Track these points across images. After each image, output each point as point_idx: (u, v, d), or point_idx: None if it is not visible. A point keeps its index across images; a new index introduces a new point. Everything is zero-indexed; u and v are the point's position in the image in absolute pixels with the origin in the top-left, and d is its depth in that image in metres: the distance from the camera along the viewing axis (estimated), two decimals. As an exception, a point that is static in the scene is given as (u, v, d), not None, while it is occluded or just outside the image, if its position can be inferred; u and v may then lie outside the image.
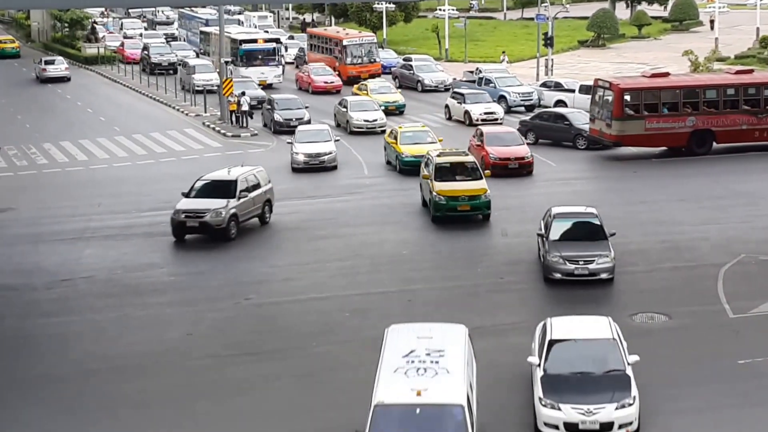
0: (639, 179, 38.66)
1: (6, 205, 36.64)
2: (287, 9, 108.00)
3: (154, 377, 21.72)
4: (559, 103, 51.79)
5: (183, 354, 22.90)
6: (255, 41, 63.48)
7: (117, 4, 49.66)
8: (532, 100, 53.27)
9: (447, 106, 51.70)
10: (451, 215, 31.75)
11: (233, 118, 50.80)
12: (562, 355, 19.05)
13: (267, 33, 71.72)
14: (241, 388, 21.02)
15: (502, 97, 52.57)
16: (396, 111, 52.16)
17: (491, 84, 54.46)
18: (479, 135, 39.72)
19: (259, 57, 62.38)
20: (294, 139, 41.41)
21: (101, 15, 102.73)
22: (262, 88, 57.00)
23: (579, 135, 43.79)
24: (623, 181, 38.44)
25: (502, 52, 68.44)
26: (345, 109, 48.64)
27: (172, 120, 54.11)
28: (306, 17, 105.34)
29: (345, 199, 36.44)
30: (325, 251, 30.10)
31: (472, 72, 59.75)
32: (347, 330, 24.15)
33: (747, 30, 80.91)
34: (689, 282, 26.76)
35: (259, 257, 29.75)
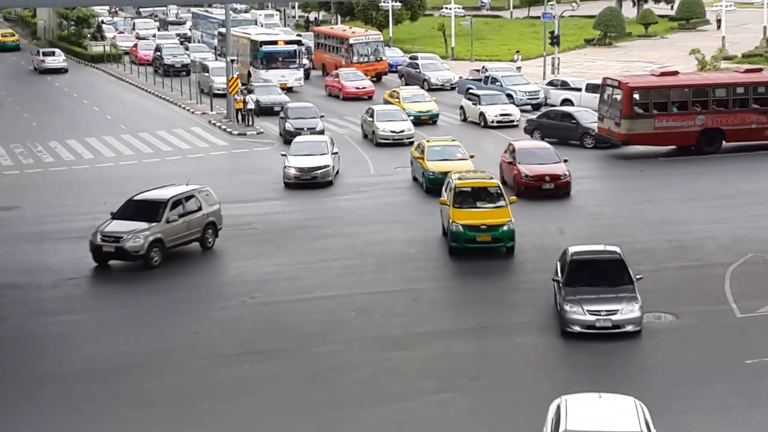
0: (646, 178, 38.56)
1: (12, 204, 36.66)
2: (293, 7, 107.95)
3: (159, 376, 21.69)
4: (566, 102, 51.66)
5: (188, 353, 22.87)
6: (275, 43, 60.83)
7: (123, 2, 49.40)
8: (538, 98, 53.18)
9: (462, 107, 50.82)
10: (470, 247, 28.39)
11: (239, 116, 50.81)
12: None
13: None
14: (247, 387, 20.98)
15: (508, 96, 52.42)
16: (429, 121, 49.14)
17: (497, 83, 54.34)
18: (511, 151, 36.20)
19: (280, 59, 60.05)
20: (288, 152, 38.62)
21: (110, 14, 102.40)
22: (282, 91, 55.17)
23: (586, 134, 43.70)
24: (630, 180, 38.34)
25: (516, 51, 67.83)
26: (371, 119, 45.42)
27: (178, 118, 54.11)
28: (311, 16, 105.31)
29: (351, 198, 36.39)
30: (331, 250, 30.06)
31: (478, 70, 59.61)
32: (353, 329, 24.10)
33: (754, 29, 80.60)
34: (696, 281, 26.67)
35: (265, 256, 29.71)
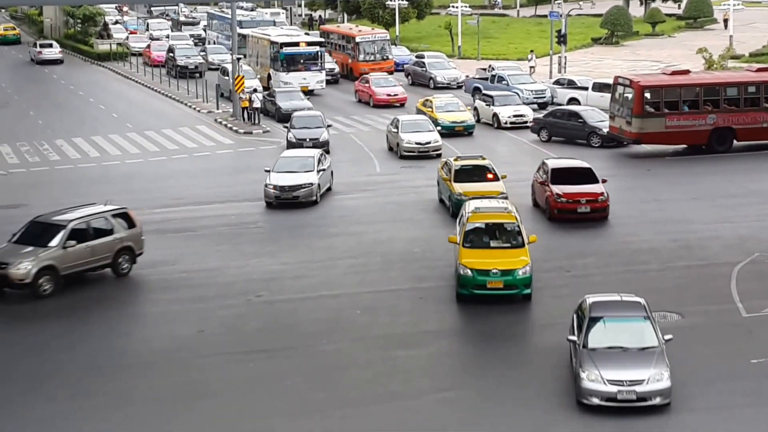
0: (652, 177, 38.51)
1: (18, 202, 36.73)
2: (299, 5, 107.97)
3: (164, 374, 21.71)
4: (573, 101, 51.60)
5: (193, 351, 22.87)
6: (297, 44, 58.83)
7: (130, 0, 49.40)
8: (544, 97, 53.11)
9: (475, 108, 50.10)
10: (480, 294, 24.56)
11: (245, 114, 50.82)
12: None
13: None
14: (251, 385, 20.99)
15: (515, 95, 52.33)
16: (464, 132, 46.14)
17: (504, 81, 54.29)
18: (544, 170, 33.02)
19: (301, 61, 58.07)
20: (272, 167, 35.48)
21: (120, 13, 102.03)
22: (303, 95, 52.80)
23: (593, 132, 43.64)
24: (637, 179, 38.28)
25: (530, 51, 67.48)
26: (396, 130, 42.45)
27: (184, 117, 54.14)
28: (316, 14, 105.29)
29: (357, 197, 36.36)
30: (336, 249, 30.05)
31: (484, 69, 59.57)
32: (358, 328, 24.09)
33: (762, 28, 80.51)
34: (702, 281, 26.61)
35: (270, 254, 29.71)
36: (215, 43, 75.77)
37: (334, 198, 36.20)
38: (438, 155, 40.11)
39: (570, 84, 53.94)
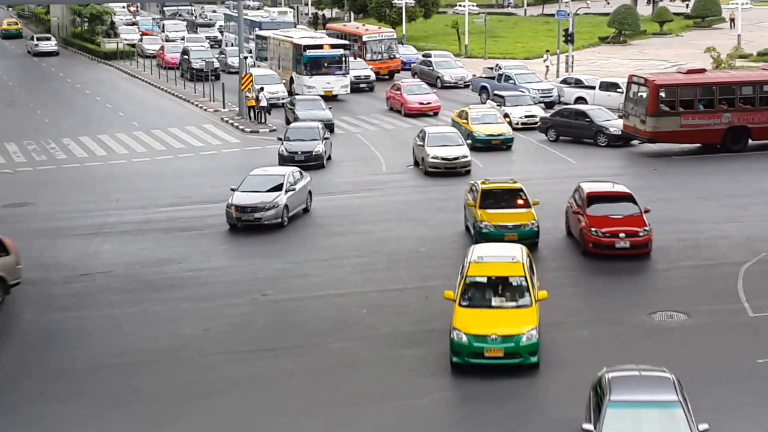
0: (660, 177, 38.44)
1: (25, 200, 36.79)
2: (306, 4, 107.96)
3: (170, 372, 21.73)
4: (580, 100, 51.56)
5: (200, 349, 22.88)
6: (321, 47, 56.35)
7: None
8: (551, 96, 53.05)
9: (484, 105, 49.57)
10: (475, 363, 20.83)
11: (251, 113, 50.84)
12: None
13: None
14: (258, 383, 21.00)
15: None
16: (502, 146, 42.77)
17: (511, 80, 54.26)
18: (579, 196, 29.07)
19: (325, 65, 55.59)
20: (238, 186, 32.58)
21: (131, 13, 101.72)
22: (326, 100, 51.08)
23: (600, 132, 43.59)
24: (644, 179, 38.19)
25: (545, 50, 67.10)
26: (422, 143, 39.12)
27: (190, 115, 54.19)
28: (319, 12, 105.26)
29: (363, 196, 36.36)
30: (343, 248, 30.04)
31: (491, 68, 59.54)
32: (364, 326, 24.08)
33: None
34: (709, 280, 26.54)
35: (277, 253, 29.71)
36: (233, 45, 72.80)
37: (340, 197, 36.20)
38: (467, 172, 37.49)
39: (577, 83, 53.89)
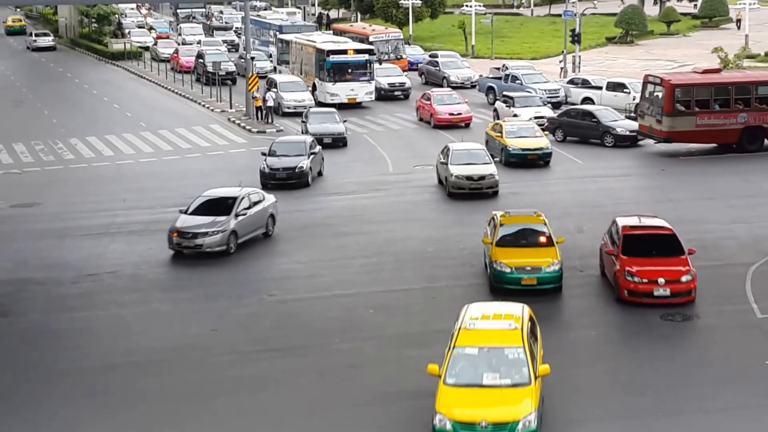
0: (667, 177, 38.41)
1: (32, 200, 36.87)
2: (313, 5, 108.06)
3: (177, 372, 21.74)
4: (586, 101, 51.52)
5: (206, 350, 22.90)
6: (345, 52, 54.38)
7: None
8: (558, 97, 53.02)
9: (495, 109, 49.36)
10: None
11: (259, 113, 50.89)
12: None
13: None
14: (265, 383, 21.02)
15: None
16: (540, 162, 39.32)
17: (517, 81, 54.23)
18: (615, 232, 25.77)
19: (349, 71, 53.80)
20: (188, 207, 30.22)
21: (143, 15, 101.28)
22: (350, 108, 50.59)
23: (607, 132, 43.55)
24: (651, 179, 38.18)
25: (561, 51, 66.88)
26: (445, 161, 35.87)
27: (197, 116, 54.26)
28: (331, 13, 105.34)
29: (370, 196, 36.36)
30: (350, 248, 30.04)
31: (498, 68, 59.54)
32: (371, 327, 24.08)
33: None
34: (717, 281, 26.48)
35: (283, 254, 29.73)
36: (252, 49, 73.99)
37: (347, 197, 36.21)
38: (494, 193, 34.78)
39: (584, 83, 53.86)
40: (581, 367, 21.30)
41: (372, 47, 58.08)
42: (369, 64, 54.17)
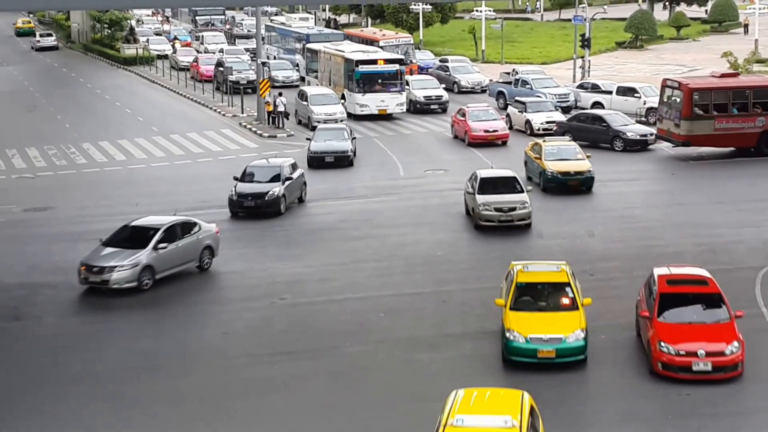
0: (676, 181, 38.46)
1: (46, 204, 37.09)
2: (324, 10, 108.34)
3: (189, 375, 21.88)
4: (596, 105, 51.58)
5: (218, 353, 23.05)
6: (374, 62, 52.22)
7: (154, 4, 48.27)
8: (568, 101, 53.09)
9: (508, 114, 49.00)
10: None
11: (270, 118, 51.08)
12: None
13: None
14: (276, 386, 21.15)
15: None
16: (581, 187, 35.57)
17: (527, 85, 54.34)
18: (651, 285, 22.41)
19: (379, 81, 51.86)
20: (109, 236, 28.16)
21: (160, 22, 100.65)
22: (380, 119, 49.05)
23: (617, 136, 43.62)
24: (661, 183, 38.24)
25: (581, 57, 66.74)
26: (473, 191, 32.27)
27: (209, 120, 54.48)
28: (331, 17, 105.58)
29: (380, 200, 36.49)
30: (361, 252, 30.17)
31: (508, 73, 59.63)
32: (381, 330, 24.20)
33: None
34: (726, 285, 26.28)
35: (295, 257, 29.87)
36: (275, 58, 69.65)
37: (357, 201, 36.34)
38: (527, 225, 31.46)
39: (594, 88, 53.91)
40: (590, 370, 21.35)
41: (402, 57, 56.12)
42: (400, 74, 52.12)
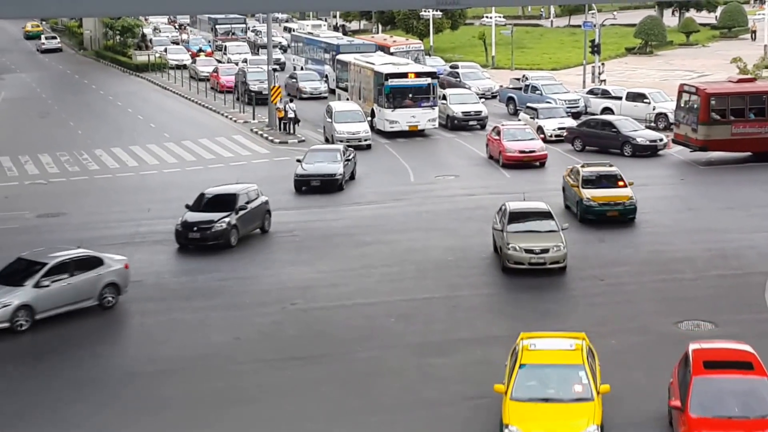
0: (687, 186, 38.50)
1: (58, 210, 37.31)
2: (334, 16, 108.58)
3: (201, 380, 22.01)
4: (606, 111, 51.63)
5: (229, 358, 23.17)
6: (405, 76, 49.25)
7: (160, 11, 48.20)
8: (578, 107, 53.16)
9: (520, 121, 48.62)
10: None
11: (281, 124, 51.27)
12: None
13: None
14: (287, 391, 21.25)
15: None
16: (623, 219, 32.56)
17: (537, 91, 54.44)
18: (684, 363, 18.84)
19: (410, 96, 48.99)
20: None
21: (177, 30, 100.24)
22: (411, 136, 47.32)
23: (626, 142, 43.69)
24: (671, 189, 38.27)
25: (601, 63, 66.53)
26: (501, 228, 28.74)
27: (220, 126, 54.68)
28: (339, 23, 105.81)
29: (391, 206, 36.62)
30: (371, 257, 30.28)
31: (518, 79, 59.72)
32: (392, 335, 24.30)
33: (798, 37, 79.99)
34: (736, 290, 26.58)
35: (306, 262, 30.00)
36: (302, 69, 67.27)
37: (368, 207, 36.47)
38: (562, 268, 27.81)
39: (604, 94, 53.97)
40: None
41: (434, 70, 53.45)
42: (432, 88, 49.29)
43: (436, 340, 23.78)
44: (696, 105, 41.41)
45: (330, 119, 47.32)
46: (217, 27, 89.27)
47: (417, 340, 23.85)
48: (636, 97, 51.40)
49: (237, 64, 68.80)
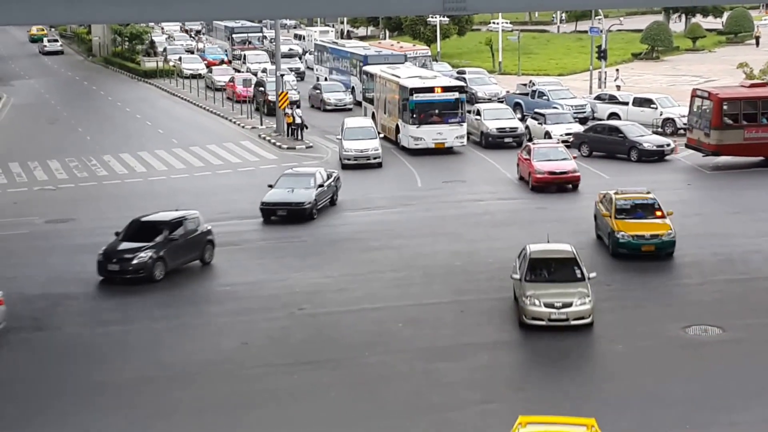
0: (693, 191, 38.51)
1: (67, 216, 37.46)
2: (342, 23, 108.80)
3: (209, 385, 22.06)
4: (613, 116, 51.70)
5: (238, 363, 23.23)
6: (431, 90, 46.45)
7: (167, 18, 48.33)
8: (585, 112, 53.22)
9: (527, 126, 48.68)
10: None
11: (289, 130, 51.40)
12: None
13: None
14: (295, 396, 21.30)
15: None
16: (659, 254, 29.24)
17: (544, 96, 54.51)
18: None
19: (436, 112, 46.24)
20: None
21: (192, 38, 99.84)
22: (437, 153, 45.30)
23: (633, 147, 43.73)
24: (677, 193, 38.24)
25: (615, 70, 66.30)
26: (520, 277, 25.05)
27: (228, 132, 54.84)
28: (345, 30, 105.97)
29: (398, 211, 36.69)
30: (379, 262, 30.35)
31: (525, 84, 59.82)
32: (400, 340, 24.35)
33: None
34: (743, 295, 26.60)
35: (313, 267, 30.08)
36: (326, 80, 65.71)
37: (375, 212, 36.53)
38: (588, 325, 24.12)
39: (610, 99, 54.04)
40: (606, 381, 21.46)
41: (463, 84, 50.52)
42: (460, 103, 46.41)
43: (443, 344, 23.82)
44: (708, 110, 41.54)
45: (340, 135, 45.35)
46: (234, 36, 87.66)
47: (425, 344, 23.90)
48: (643, 103, 51.47)
49: (256, 74, 67.62)
